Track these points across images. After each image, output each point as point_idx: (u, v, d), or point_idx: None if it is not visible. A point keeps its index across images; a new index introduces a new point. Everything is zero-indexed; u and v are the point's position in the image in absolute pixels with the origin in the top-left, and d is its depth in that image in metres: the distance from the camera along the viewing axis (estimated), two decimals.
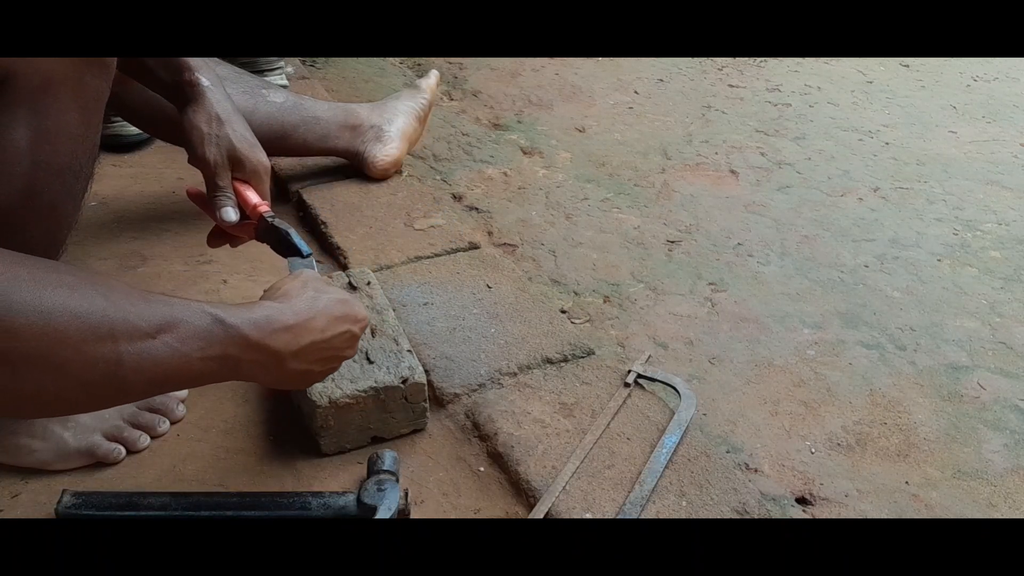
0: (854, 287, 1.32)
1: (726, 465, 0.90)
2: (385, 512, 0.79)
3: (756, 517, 0.83)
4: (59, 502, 0.81)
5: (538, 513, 0.83)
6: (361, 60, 2.15)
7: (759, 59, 2.35)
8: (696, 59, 2.33)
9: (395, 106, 1.49)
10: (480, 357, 1.04)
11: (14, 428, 0.86)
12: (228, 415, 0.97)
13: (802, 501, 0.92)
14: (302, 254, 0.91)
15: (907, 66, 2.35)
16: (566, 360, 1.05)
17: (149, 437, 0.92)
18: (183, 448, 0.92)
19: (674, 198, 1.58)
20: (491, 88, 2.07)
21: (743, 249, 1.42)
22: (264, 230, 0.96)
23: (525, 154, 1.74)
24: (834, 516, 0.90)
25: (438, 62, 2.17)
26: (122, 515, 0.80)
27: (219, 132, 0.96)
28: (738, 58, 2.34)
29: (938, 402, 1.08)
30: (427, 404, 0.94)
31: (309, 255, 0.92)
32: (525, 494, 0.86)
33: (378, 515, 0.79)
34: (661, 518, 0.83)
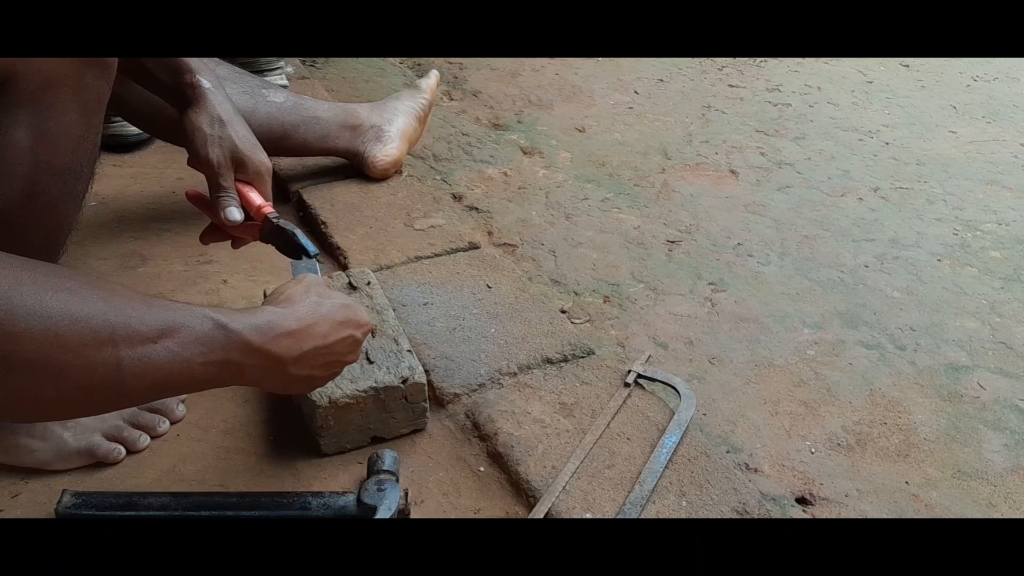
0: (854, 287, 1.32)
1: (726, 465, 0.90)
2: (385, 512, 0.79)
3: (756, 517, 0.83)
4: (59, 502, 0.81)
5: (538, 513, 0.83)
6: (361, 60, 2.15)
7: (759, 59, 2.35)
8: (696, 59, 2.33)
9: (395, 106, 1.49)
10: (480, 357, 1.04)
11: (14, 428, 0.86)
12: (228, 415, 0.97)
13: (802, 501, 0.92)
14: (310, 253, 0.92)
15: (907, 66, 2.35)
16: (566, 360, 1.05)
17: (149, 437, 0.92)
18: (183, 448, 0.92)
19: (674, 198, 1.58)
20: (491, 88, 2.07)
21: (743, 249, 1.42)
22: (269, 231, 0.96)
23: (525, 154, 1.74)
24: (834, 516, 0.90)
25: (438, 62, 2.17)
26: (122, 515, 0.80)
27: (221, 133, 0.96)
28: (738, 58, 2.34)
29: (938, 402, 1.08)
30: (427, 404, 0.94)
31: (316, 254, 0.92)
32: (525, 494, 0.86)
33: (378, 515, 0.79)
34: (661, 518, 0.83)
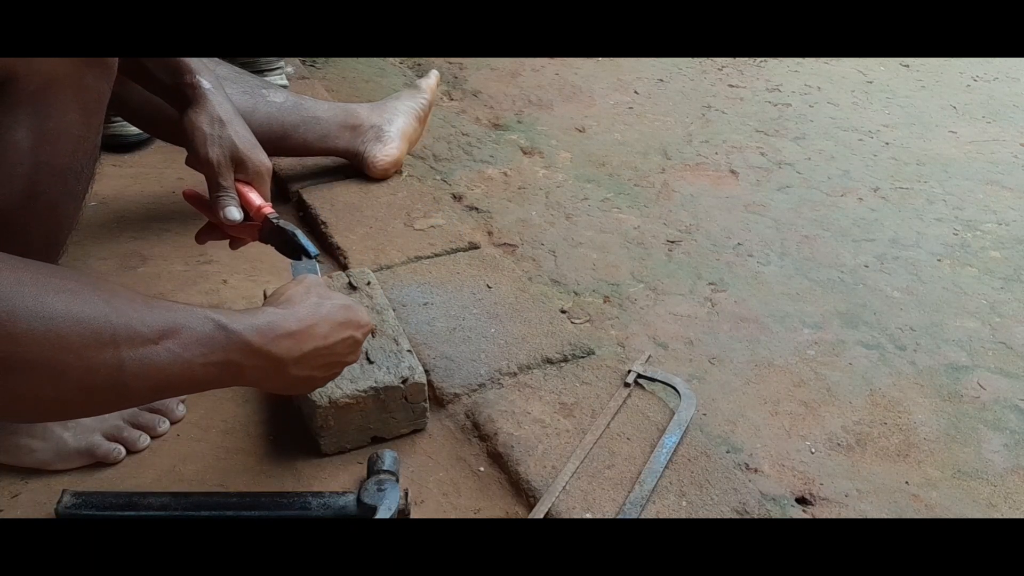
0: (854, 287, 1.32)
1: (726, 465, 0.90)
2: (385, 512, 0.79)
3: (756, 517, 0.83)
4: (59, 502, 0.81)
5: (538, 513, 0.83)
6: (361, 60, 2.15)
7: (759, 59, 2.35)
8: (696, 59, 2.33)
9: (395, 106, 1.49)
10: (480, 357, 1.04)
11: (14, 428, 0.86)
12: (228, 415, 0.97)
13: (802, 501, 0.92)
14: (310, 254, 0.92)
15: (907, 66, 2.35)
16: (566, 360, 1.05)
17: (149, 437, 0.92)
18: (183, 448, 0.92)
19: (674, 198, 1.58)
20: (491, 88, 2.07)
21: (743, 249, 1.42)
22: (269, 232, 0.96)
23: (525, 154, 1.74)
24: (834, 516, 0.90)
25: (438, 62, 2.17)
26: (122, 515, 0.80)
27: (221, 133, 0.96)
28: (738, 58, 2.34)
29: (938, 402, 1.08)
30: (427, 404, 0.94)
31: (317, 254, 0.92)
32: (525, 494, 0.86)
33: (378, 515, 0.79)
34: (661, 518, 0.83)
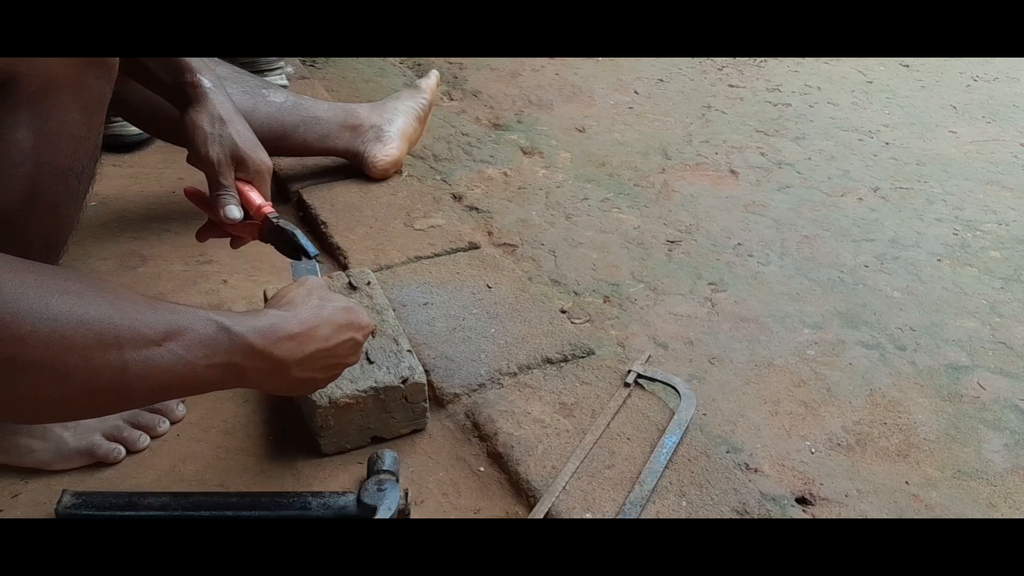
0: (854, 287, 1.32)
1: (726, 465, 0.90)
2: (385, 512, 0.79)
3: (756, 517, 0.83)
4: (59, 502, 0.81)
5: (538, 513, 0.83)
6: (361, 60, 2.15)
7: (759, 59, 2.35)
8: (696, 59, 2.33)
9: (395, 106, 1.50)
10: (480, 357, 1.04)
11: (14, 428, 0.86)
12: (228, 415, 0.97)
13: (802, 501, 0.92)
14: (309, 254, 0.92)
15: (907, 66, 2.35)
16: (566, 360, 1.05)
17: (149, 437, 0.92)
18: (183, 448, 0.92)
19: (674, 198, 1.58)
20: (491, 88, 2.07)
21: (743, 249, 1.42)
22: (269, 231, 0.96)
23: (525, 154, 1.74)
24: (834, 516, 0.90)
25: (438, 62, 2.17)
26: (122, 515, 0.80)
27: (222, 132, 0.96)
28: (738, 58, 2.34)
29: (938, 402, 1.08)
30: (427, 404, 0.94)
31: (316, 255, 0.92)
32: (525, 494, 0.86)
33: (378, 515, 0.79)
34: (661, 518, 0.83)
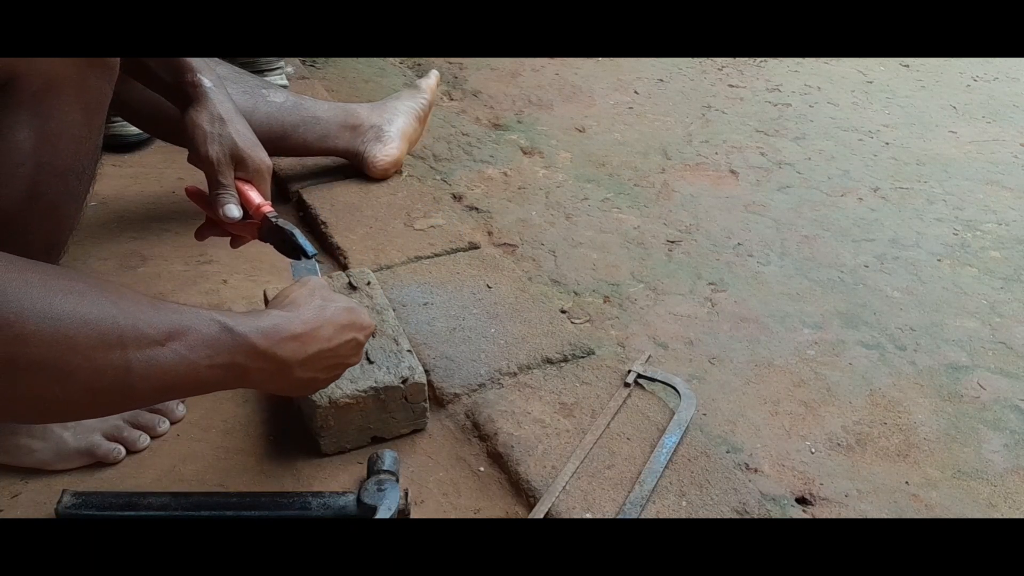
0: (854, 287, 1.32)
1: (726, 465, 0.90)
2: (385, 512, 0.79)
3: (756, 517, 0.83)
4: (59, 502, 0.81)
5: (538, 513, 0.83)
6: (361, 60, 2.15)
7: (759, 59, 2.35)
8: (696, 59, 2.33)
9: (395, 106, 1.50)
10: (480, 357, 1.04)
11: (14, 428, 0.86)
12: (228, 415, 0.97)
13: (802, 501, 0.92)
14: (308, 254, 0.92)
15: (907, 66, 2.35)
16: (566, 360, 1.05)
17: (149, 437, 0.92)
18: (183, 448, 0.92)
19: (674, 198, 1.58)
20: (491, 88, 2.07)
21: (743, 249, 1.42)
22: (268, 230, 0.96)
23: (525, 154, 1.74)
24: (834, 516, 0.90)
25: (438, 62, 2.17)
26: (122, 515, 0.80)
27: (221, 131, 0.96)
28: (738, 58, 2.34)
29: (938, 402, 1.08)
30: (427, 404, 0.94)
31: (315, 254, 0.92)
32: (525, 494, 0.86)
33: (378, 515, 0.79)
34: (661, 518, 0.83)
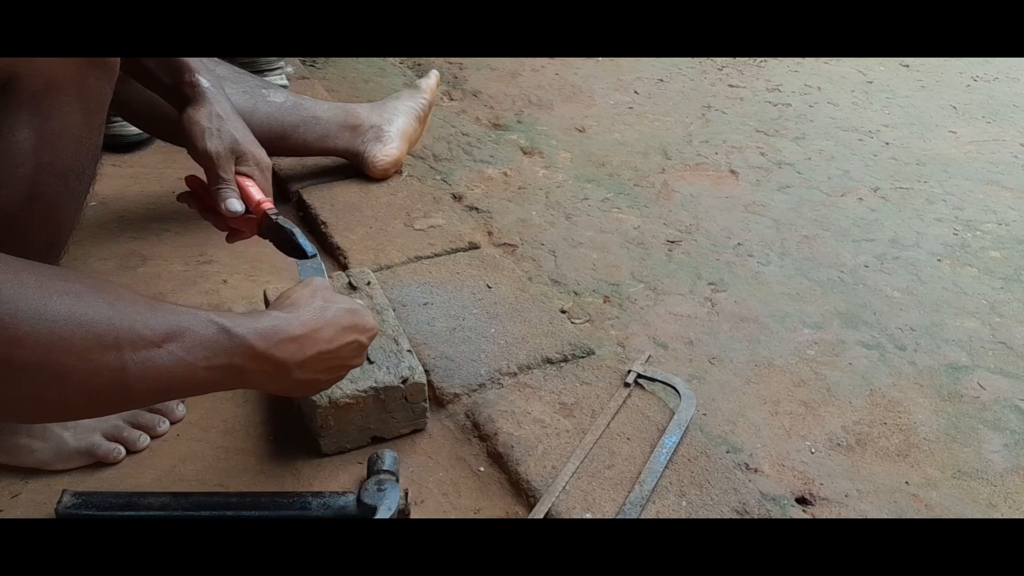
0: (854, 287, 1.32)
1: (726, 465, 0.90)
2: (385, 512, 0.79)
3: (756, 517, 0.83)
4: (59, 502, 0.81)
5: (538, 513, 0.83)
6: (361, 60, 2.15)
7: (759, 59, 2.35)
8: (696, 59, 2.33)
9: (395, 106, 1.50)
10: (480, 357, 1.04)
11: (14, 428, 0.86)
12: (228, 415, 0.97)
13: (802, 501, 0.92)
14: (307, 254, 0.91)
15: (907, 66, 2.35)
16: (566, 360, 1.05)
17: (149, 437, 0.92)
18: (183, 448, 0.92)
19: (674, 198, 1.58)
20: (491, 88, 2.07)
21: (743, 249, 1.42)
22: (268, 227, 0.95)
23: (525, 154, 1.74)
24: (834, 516, 0.90)
25: (438, 62, 2.17)
26: (122, 515, 0.80)
27: (220, 127, 0.97)
28: (738, 58, 2.34)
29: (938, 402, 1.08)
30: (427, 404, 0.94)
31: (314, 255, 0.91)
32: (525, 494, 0.86)
33: (378, 515, 0.79)
34: (661, 518, 0.83)
